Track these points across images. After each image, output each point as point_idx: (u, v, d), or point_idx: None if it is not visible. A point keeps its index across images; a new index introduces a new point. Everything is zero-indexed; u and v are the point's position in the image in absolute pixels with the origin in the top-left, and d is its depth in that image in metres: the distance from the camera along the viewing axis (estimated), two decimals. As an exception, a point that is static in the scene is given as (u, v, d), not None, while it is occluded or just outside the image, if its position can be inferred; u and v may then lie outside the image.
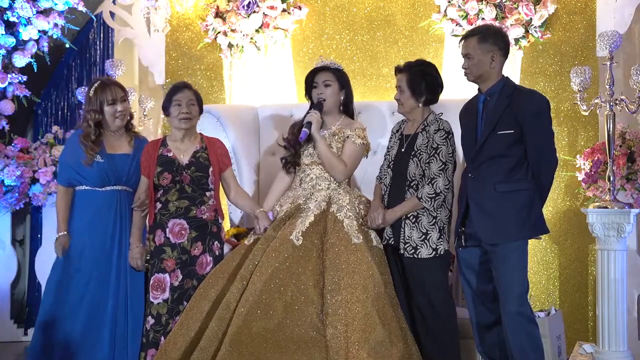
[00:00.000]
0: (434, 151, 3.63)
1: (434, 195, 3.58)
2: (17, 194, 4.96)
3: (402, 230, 3.65)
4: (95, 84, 3.88)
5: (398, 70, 3.77)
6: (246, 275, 3.58)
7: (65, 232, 3.82)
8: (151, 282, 3.75)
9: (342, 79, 3.96)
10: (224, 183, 3.98)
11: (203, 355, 3.42)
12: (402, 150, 3.75)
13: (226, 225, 4.76)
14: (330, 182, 3.87)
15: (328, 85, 3.92)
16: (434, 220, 3.62)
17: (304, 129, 3.84)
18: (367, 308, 3.43)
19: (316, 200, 3.79)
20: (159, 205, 3.83)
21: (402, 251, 3.64)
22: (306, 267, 3.56)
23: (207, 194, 3.88)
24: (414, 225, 3.63)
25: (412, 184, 3.66)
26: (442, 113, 3.77)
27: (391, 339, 3.39)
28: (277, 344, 3.39)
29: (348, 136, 3.88)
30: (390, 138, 3.88)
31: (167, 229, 3.78)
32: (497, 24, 4.79)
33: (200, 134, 4.01)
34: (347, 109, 4.01)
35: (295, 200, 3.86)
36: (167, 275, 3.74)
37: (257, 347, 3.38)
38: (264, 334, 3.40)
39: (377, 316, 3.41)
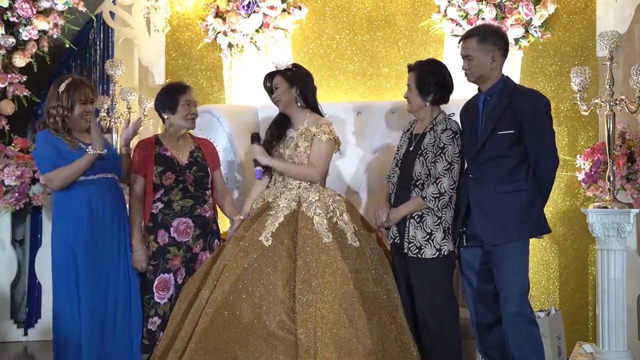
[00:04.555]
0: (440, 150, 3.62)
1: (438, 195, 3.58)
2: (17, 194, 4.96)
3: (407, 229, 3.65)
4: (67, 81, 3.71)
5: (409, 68, 3.77)
6: (216, 276, 3.60)
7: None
8: (156, 282, 3.76)
9: (290, 77, 3.91)
10: (212, 183, 3.99)
11: (175, 356, 3.46)
12: (410, 149, 3.74)
13: (225, 224, 4.77)
14: (301, 182, 3.85)
15: (277, 87, 3.92)
16: (439, 220, 3.61)
17: (256, 168, 3.85)
18: (335, 307, 3.44)
19: (286, 199, 3.76)
20: (160, 205, 3.83)
21: (406, 250, 3.64)
22: (276, 267, 3.55)
23: (207, 192, 3.92)
24: (418, 224, 3.63)
25: (417, 183, 3.66)
26: (453, 113, 3.75)
27: (358, 336, 3.40)
28: (244, 342, 3.40)
29: (314, 134, 3.85)
30: (401, 137, 3.88)
31: (172, 228, 3.80)
32: (497, 24, 4.79)
33: (190, 134, 4.03)
34: (306, 103, 3.93)
35: (265, 198, 3.87)
36: (171, 274, 3.77)
37: (224, 344, 3.40)
38: (231, 332, 3.43)
39: (344, 314, 3.43)
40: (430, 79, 3.67)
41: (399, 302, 3.65)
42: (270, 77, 3.96)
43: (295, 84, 3.91)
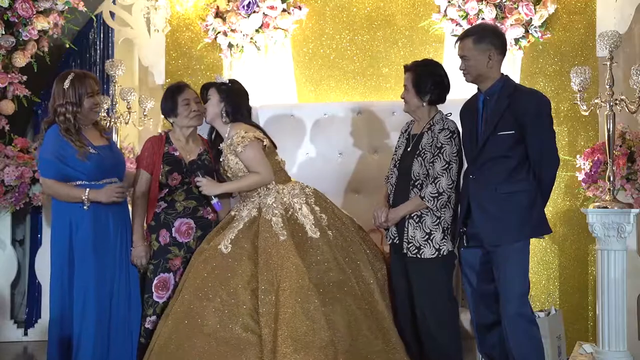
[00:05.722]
0: (437, 150, 3.62)
1: (436, 194, 3.58)
2: (17, 194, 4.95)
3: (406, 229, 3.65)
4: (70, 76, 3.67)
5: (406, 69, 3.77)
6: (179, 289, 3.67)
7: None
8: (155, 282, 3.77)
9: (222, 92, 3.92)
10: None
11: None
12: (408, 149, 3.75)
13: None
14: (260, 190, 3.85)
15: (209, 99, 3.92)
16: (438, 220, 3.61)
17: (212, 202, 3.86)
18: (291, 302, 3.48)
19: (248, 209, 3.80)
20: (163, 204, 3.84)
21: (405, 251, 3.64)
22: (235, 272, 3.59)
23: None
24: (417, 224, 3.63)
25: (416, 184, 3.66)
26: (450, 113, 3.75)
27: (314, 329, 3.43)
28: (209, 350, 3.44)
29: (234, 150, 3.81)
30: (399, 138, 3.88)
31: (174, 228, 3.81)
32: (497, 24, 4.79)
33: (200, 135, 4.03)
34: (229, 118, 3.90)
35: (230, 211, 3.92)
36: (171, 274, 3.78)
37: (187, 353, 3.44)
38: (195, 342, 3.46)
39: (300, 308, 3.46)
40: (428, 80, 3.67)
41: (376, 287, 3.66)
42: (205, 88, 3.99)
43: (224, 99, 3.91)
